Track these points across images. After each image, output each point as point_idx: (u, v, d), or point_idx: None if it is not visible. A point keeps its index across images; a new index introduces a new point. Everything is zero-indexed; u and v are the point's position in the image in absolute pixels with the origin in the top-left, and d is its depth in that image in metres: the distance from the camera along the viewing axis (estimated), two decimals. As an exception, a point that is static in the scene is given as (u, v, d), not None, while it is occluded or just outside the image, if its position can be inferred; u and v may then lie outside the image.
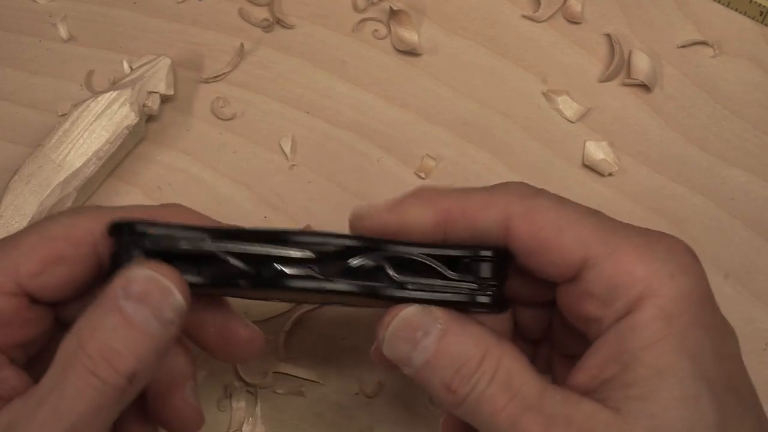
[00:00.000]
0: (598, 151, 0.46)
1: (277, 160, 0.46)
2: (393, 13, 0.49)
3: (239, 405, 0.41)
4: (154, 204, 0.44)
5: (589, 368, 0.28)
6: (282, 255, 0.28)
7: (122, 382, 0.27)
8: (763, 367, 0.43)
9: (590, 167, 0.46)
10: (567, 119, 0.48)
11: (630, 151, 0.47)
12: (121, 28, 0.49)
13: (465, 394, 0.27)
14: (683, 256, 0.27)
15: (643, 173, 0.46)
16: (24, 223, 0.42)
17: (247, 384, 0.41)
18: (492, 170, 0.46)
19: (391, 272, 0.28)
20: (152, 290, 0.27)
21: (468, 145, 0.47)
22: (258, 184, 0.46)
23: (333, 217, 0.45)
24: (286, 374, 0.42)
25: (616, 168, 0.46)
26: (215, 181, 0.46)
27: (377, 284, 0.28)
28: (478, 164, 0.46)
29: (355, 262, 0.28)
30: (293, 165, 0.46)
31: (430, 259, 0.28)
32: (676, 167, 0.46)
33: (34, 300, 0.30)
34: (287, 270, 0.28)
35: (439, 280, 0.29)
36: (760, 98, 0.48)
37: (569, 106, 0.48)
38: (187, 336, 0.33)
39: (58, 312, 0.32)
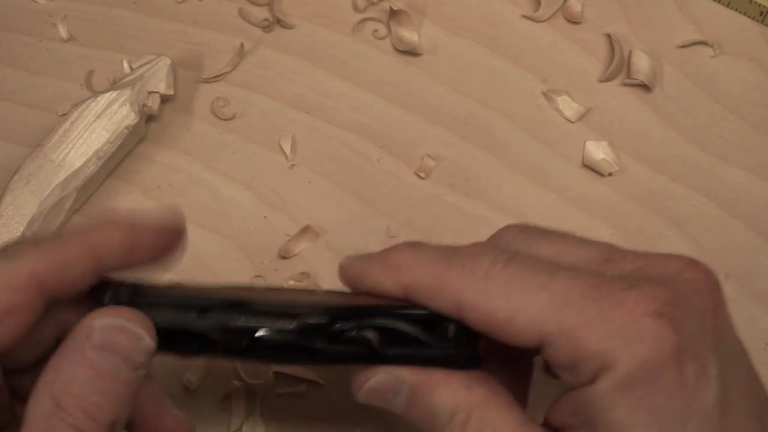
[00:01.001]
0: (598, 151, 0.46)
1: (277, 160, 0.46)
2: (393, 13, 0.49)
3: (239, 405, 0.41)
4: (153, 205, 0.45)
5: (561, 411, 0.29)
6: (259, 326, 0.29)
7: (105, 431, 0.27)
8: (763, 366, 0.43)
9: (590, 167, 0.46)
10: (567, 119, 0.48)
11: (630, 151, 0.47)
12: (121, 28, 0.49)
13: None
14: (642, 320, 0.27)
15: (643, 173, 0.46)
16: (24, 223, 0.42)
17: (247, 384, 0.41)
18: (492, 170, 0.46)
19: (371, 337, 0.29)
20: (120, 338, 0.28)
21: (468, 145, 0.47)
22: (258, 184, 0.46)
23: (333, 217, 0.45)
24: (286, 374, 0.42)
25: (616, 168, 0.46)
26: (215, 181, 0.46)
27: (357, 351, 0.29)
28: (478, 164, 0.46)
29: (337, 327, 0.29)
30: (293, 165, 0.46)
31: (405, 325, 0.29)
32: (676, 167, 0.46)
33: None
34: (264, 334, 0.29)
35: (414, 346, 0.29)
36: (760, 98, 0.48)
37: (569, 106, 0.48)
38: None
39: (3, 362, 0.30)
